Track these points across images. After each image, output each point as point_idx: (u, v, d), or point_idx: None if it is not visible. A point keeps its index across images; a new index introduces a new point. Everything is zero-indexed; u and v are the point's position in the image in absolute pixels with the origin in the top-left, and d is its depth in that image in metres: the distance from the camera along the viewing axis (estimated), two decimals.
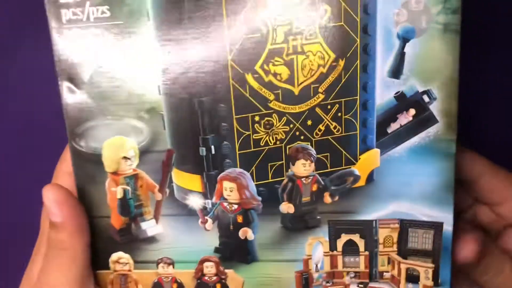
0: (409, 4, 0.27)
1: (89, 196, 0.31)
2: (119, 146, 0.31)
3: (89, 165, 0.31)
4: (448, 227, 0.29)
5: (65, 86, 0.30)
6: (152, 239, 0.32)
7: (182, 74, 0.29)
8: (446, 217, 0.29)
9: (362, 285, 0.31)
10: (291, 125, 0.29)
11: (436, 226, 0.30)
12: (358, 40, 0.28)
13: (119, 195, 0.32)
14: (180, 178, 0.31)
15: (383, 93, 0.28)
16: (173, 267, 0.32)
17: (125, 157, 0.31)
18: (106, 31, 0.29)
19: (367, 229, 0.30)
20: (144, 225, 0.32)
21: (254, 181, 0.30)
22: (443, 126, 0.28)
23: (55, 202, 0.29)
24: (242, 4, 0.27)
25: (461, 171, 0.30)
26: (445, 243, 0.30)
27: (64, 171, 0.32)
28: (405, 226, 0.30)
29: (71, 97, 0.30)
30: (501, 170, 0.32)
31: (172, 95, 0.29)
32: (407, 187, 0.29)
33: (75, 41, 0.29)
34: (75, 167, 0.31)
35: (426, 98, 0.28)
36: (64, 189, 0.30)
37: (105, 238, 0.32)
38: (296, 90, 0.29)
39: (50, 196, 0.29)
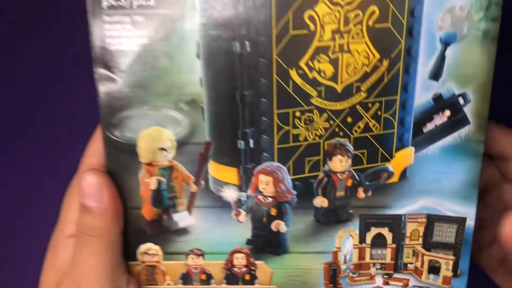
0: (454, 9, 0.28)
1: (121, 186, 0.30)
2: (156, 137, 0.30)
3: (123, 155, 0.30)
4: (470, 222, 0.31)
5: (100, 73, 0.28)
6: (183, 231, 0.32)
7: (226, 67, 0.28)
8: (469, 212, 0.31)
9: (387, 276, 0.32)
10: (331, 122, 0.29)
11: (460, 221, 0.31)
12: (403, 42, 0.28)
13: (153, 186, 0.31)
14: (217, 170, 0.30)
15: (422, 94, 0.29)
16: (203, 258, 0.32)
17: (161, 148, 0.31)
18: (149, 19, 0.28)
19: (396, 223, 0.31)
20: (176, 217, 0.32)
21: (290, 175, 0.30)
22: (474, 128, 0.30)
23: (96, 187, 0.28)
24: (292, 1, 0.27)
25: (492, 147, 0.31)
26: (466, 237, 0.31)
27: (89, 164, 0.31)
28: (432, 220, 0.31)
29: (107, 85, 0.29)
30: None
31: (214, 88, 0.29)
32: (437, 184, 0.30)
33: (114, 28, 0.28)
34: (107, 157, 0.30)
35: (461, 101, 0.29)
36: (106, 174, 0.29)
37: (134, 229, 0.31)
38: (339, 88, 0.29)
39: (91, 179, 0.28)
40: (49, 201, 0.42)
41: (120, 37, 0.28)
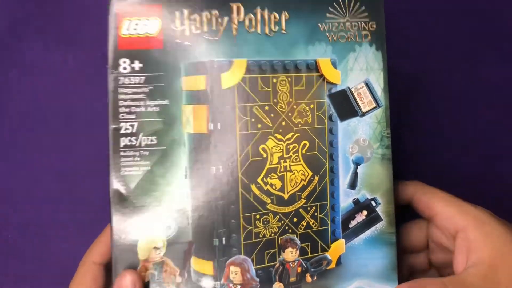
0: (359, 141, 0.42)
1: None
2: (151, 239, 0.41)
3: (127, 254, 0.40)
4: None
5: (115, 192, 0.41)
6: None
7: (205, 184, 0.41)
8: None
9: None
10: (282, 222, 0.42)
11: None
12: (327, 163, 0.42)
13: (147, 279, 0.41)
14: (197, 263, 0.41)
15: (345, 199, 0.42)
16: None
17: (155, 247, 0.41)
18: (151, 153, 0.41)
19: None
20: None
21: (254, 265, 0.41)
22: (386, 223, 0.42)
23: (131, 283, 0.39)
24: (250, 138, 0.42)
25: (417, 209, 0.41)
26: None
27: (90, 261, 0.42)
28: None
29: (119, 201, 0.41)
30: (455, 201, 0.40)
31: (196, 199, 0.41)
32: (365, 268, 0.41)
33: (127, 160, 0.41)
34: (115, 255, 0.40)
35: (373, 203, 0.42)
36: (139, 275, 0.40)
37: None
38: (286, 196, 0.42)
39: (128, 277, 0.39)
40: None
41: (131, 166, 0.41)
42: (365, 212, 0.43)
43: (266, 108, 0.42)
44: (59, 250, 0.51)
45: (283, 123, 0.43)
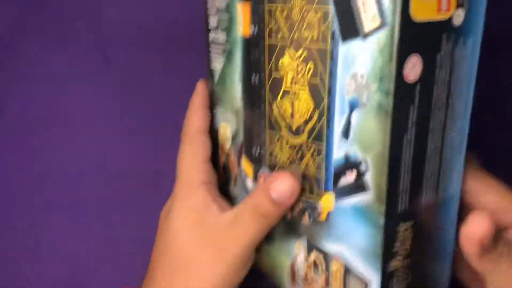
0: (357, 76, 0.30)
1: (216, 153, 0.48)
2: (224, 129, 0.47)
3: (215, 135, 0.48)
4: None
5: (209, 82, 0.47)
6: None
7: (249, 90, 0.41)
8: (372, 281, 0.32)
9: None
10: (291, 152, 0.38)
11: (365, 284, 0.33)
12: (325, 99, 0.33)
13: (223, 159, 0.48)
14: (244, 164, 0.44)
15: (339, 149, 0.33)
16: None
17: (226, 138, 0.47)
18: (222, 51, 0.44)
19: (327, 257, 0.36)
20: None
21: None
22: (373, 197, 0.31)
23: (291, 190, 0.36)
24: (274, 50, 0.37)
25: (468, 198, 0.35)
26: None
27: (191, 132, 0.43)
28: (348, 271, 0.34)
29: (211, 90, 0.47)
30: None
31: (244, 104, 0.42)
32: (349, 238, 0.33)
33: (214, 54, 0.45)
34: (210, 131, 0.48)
35: (363, 167, 0.31)
36: (298, 179, 0.36)
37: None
38: (293, 126, 0.37)
39: (290, 183, 0.36)
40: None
41: (215, 59, 0.46)
42: (355, 172, 0.32)
43: (285, 13, 0.36)
44: (59, 251, 0.51)
45: (296, 35, 0.35)
